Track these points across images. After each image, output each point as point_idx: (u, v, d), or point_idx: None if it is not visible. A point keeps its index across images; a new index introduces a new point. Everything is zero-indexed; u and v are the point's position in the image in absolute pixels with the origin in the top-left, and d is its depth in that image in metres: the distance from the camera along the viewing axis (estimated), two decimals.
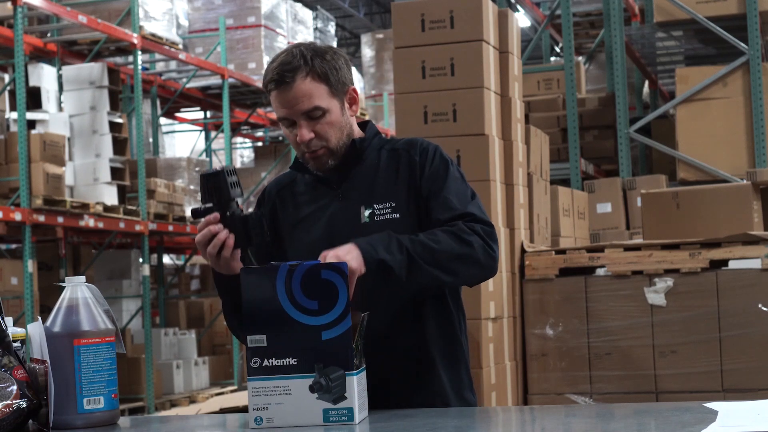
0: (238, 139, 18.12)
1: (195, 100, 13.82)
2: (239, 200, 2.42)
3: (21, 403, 2.15)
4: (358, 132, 2.62)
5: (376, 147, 2.64)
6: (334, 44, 16.87)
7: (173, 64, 12.81)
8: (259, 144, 17.45)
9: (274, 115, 16.10)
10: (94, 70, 10.48)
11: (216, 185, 2.36)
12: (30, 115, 9.53)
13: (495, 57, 5.32)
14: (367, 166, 2.61)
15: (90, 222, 9.63)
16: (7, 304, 9.04)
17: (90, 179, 10.16)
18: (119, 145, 10.45)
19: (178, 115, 15.49)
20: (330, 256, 2.28)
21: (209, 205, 2.37)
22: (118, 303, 11.66)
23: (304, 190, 2.64)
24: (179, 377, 11.43)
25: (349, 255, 2.28)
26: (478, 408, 2.46)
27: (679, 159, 8.01)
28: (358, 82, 18.03)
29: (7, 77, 10.40)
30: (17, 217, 8.88)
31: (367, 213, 2.54)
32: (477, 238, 2.45)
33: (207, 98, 13.65)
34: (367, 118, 17.67)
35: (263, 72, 2.52)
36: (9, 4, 9.18)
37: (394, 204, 2.54)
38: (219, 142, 16.46)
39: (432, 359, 2.53)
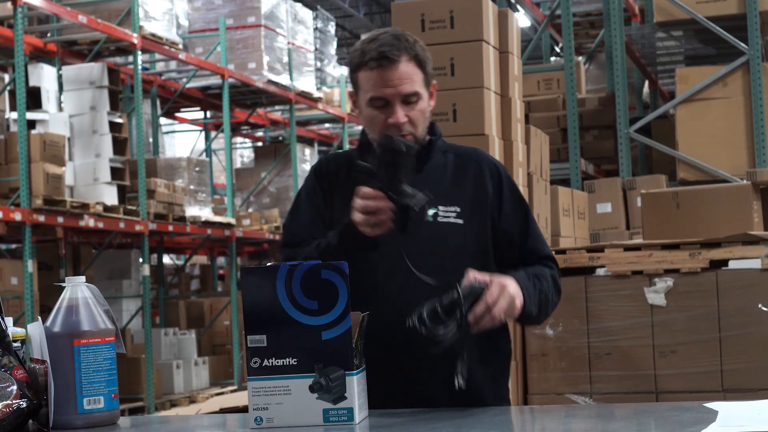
0: (238, 139, 18.14)
1: (195, 100, 13.83)
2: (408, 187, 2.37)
3: (21, 403, 2.15)
4: None
5: (441, 149, 2.63)
6: (334, 44, 16.86)
7: (173, 64, 12.81)
8: (259, 144, 17.46)
9: (274, 115, 16.17)
10: (94, 70, 10.48)
11: (397, 161, 2.32)
12: (30, 115, 9.53)
13: (495, 57, 5.32)
14: (433, 165, 2.60)
15: (90, 222, 9.63)
16: (7, 304, 9.04)
17: (90, 179, 10.16)
18: (119, 145, 10.45)
19: (178, 115, 15.50)
20: (498, 283, 2.30)
21: (378, 176, 2.33)
22: (118, 303, 11.66)
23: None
24: (179, 377, 11.43)
25: (517, 295, 2.34)
26: (477, 408, 2.46)
27: (679, 159, 8.01)
28: None
29: (7, 77, 10.40)
30: (17, 217, 8.88)
31: (431, 212, 2.54)
32: (560, 290, 2.62)
33: (207, 98, 13.66)
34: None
35: (355, 51, 2.45)
36: (9, 4, 9.18)
37: (458, 210, 2.55)
38: (219, 142, 16.47)
39: (474, 364, 2.52)
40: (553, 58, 14.33)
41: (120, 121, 10.48)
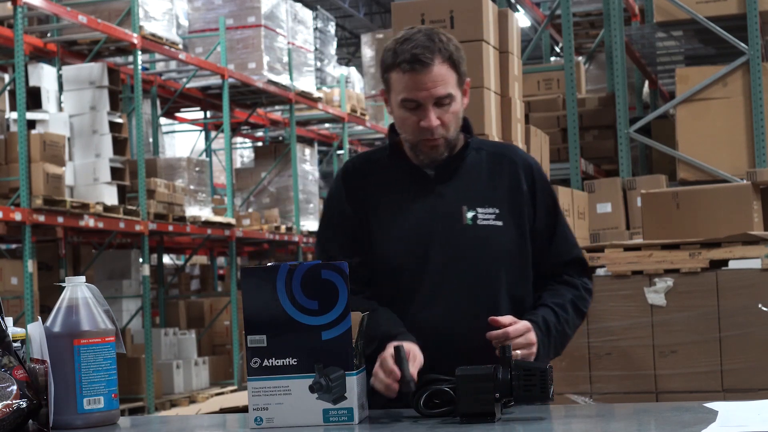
0: (238, 139, 18.14)
1: (195, 100, 13.82)
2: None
3: (21, 403, 2.15)
4: None
5: (474, 146, 2.59)
6: (334, 44, 16.86)
7: (173, 64, 12.81)
8: (259, 144, 17.46)
9: (274, 115, 16.18)
10: (94, 70, 10.48)
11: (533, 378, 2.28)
12: (30, 115, 9.52)
13: (495, 57, 5.32)
14: (468, 165, 2.55)
15: (90, 222, 9.62)
16: (7, 304, 9.03)
17: (90, 179, 10.16)
18: (119, 145, 10.44)
19: (178, 115, 15.50)
20: (524, 342, 2.37)
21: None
22: (118, 303, 11.66)
23: (397, 176, 2.55)
24: (179, 377, 11.43)
25: (535, 345, 2.40)
26: None
27: (679, 159, 8.00)
28: (358, 82, 18.03)
29: (7, 77, 10.40)
30: (17, 217, 8.88)
31: (470, 215, 2.50)
32: (589, 303, 2.66)
33: (207, 98, 13.65)
34: (369, 118, 17.68)
35: (387, 51, 2.33)
36: (9, 4, 9.17)
37: (497, 211, 2.51)
38: (219, 142, 16.47)
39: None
40: (553, 58, 14.33)
41: (120, 121, 10.48)
